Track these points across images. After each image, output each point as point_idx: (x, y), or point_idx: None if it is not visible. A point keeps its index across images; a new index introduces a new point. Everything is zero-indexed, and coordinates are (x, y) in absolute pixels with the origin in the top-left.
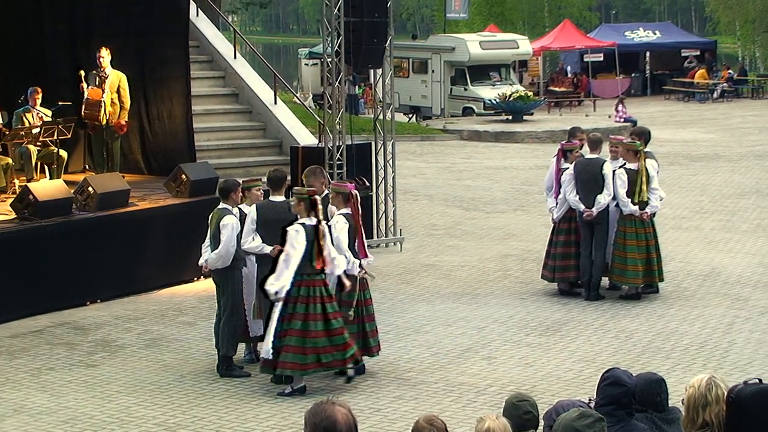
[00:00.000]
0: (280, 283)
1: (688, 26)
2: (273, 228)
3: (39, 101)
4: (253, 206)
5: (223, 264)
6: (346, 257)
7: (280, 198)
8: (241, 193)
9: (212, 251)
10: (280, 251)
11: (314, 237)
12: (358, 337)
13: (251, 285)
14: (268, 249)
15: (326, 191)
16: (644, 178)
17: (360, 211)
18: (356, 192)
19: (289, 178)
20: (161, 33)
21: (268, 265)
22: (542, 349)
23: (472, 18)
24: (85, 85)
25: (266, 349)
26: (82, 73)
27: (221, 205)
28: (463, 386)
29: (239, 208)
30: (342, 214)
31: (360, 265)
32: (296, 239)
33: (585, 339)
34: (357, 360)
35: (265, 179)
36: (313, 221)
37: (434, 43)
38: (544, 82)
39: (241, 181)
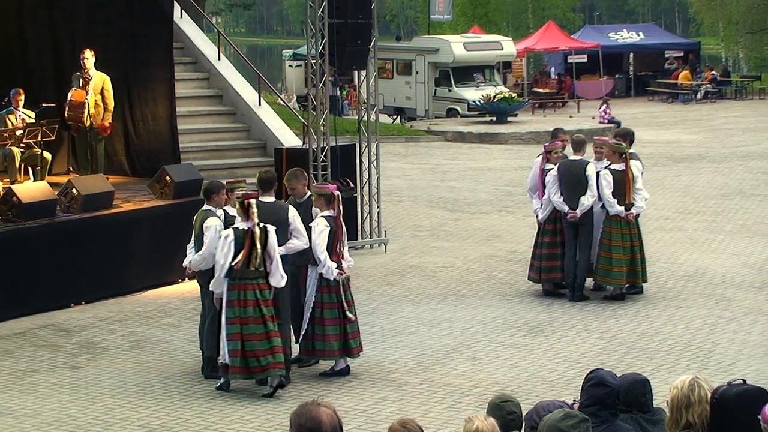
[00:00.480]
0: (213, 284)
1: (671, 27)
2: None
3: (22, 103)
4: None
5: (206, 266)
6: (317, 255)
7: (271, 199)
8: (225, 195)
9: (196, 253)
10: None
11: (243, 240)
12: (339, 339)
13: None
14: None
15: (309, 193)
16: (631, 180)
17: (341, 212)
18: (338, 193)
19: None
20: (145, 35)
21: None
22: (526, 350)
23: (456, 19)
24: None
25: (222, 353)
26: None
27: (205, 207)
28: (447, 387)
29: (224, 210)
30: (324, 216)
31: (339, 267)
32: (223, 244)
33: (569, 340)
34: (286, 370)
35: (254, 180)
36: (245, 225)
37: (418, 44)
38: (528, 83)
39: (225, 183)
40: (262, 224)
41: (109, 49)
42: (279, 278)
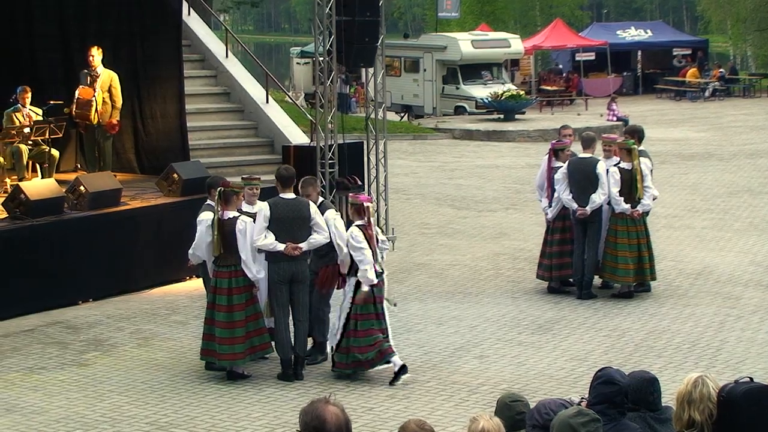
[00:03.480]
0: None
1: (679, 25)
2: (285, 225)
3: (29, 100)
4: (266, 204)
5: (197, 259)
6: (362, 265)
7: (291, 195)
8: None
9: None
10: (294, 248)
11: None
12: (375, 346)
13: (263, 283)
14: (280, 246)
15: (321, 199)
16: (639, 177)
17: (371, 223)
18: (369, 204)
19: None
20: (154, 33)
21: (279, 263)
22: (534, 348)
23: (464, 17)
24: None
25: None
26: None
27: (206, 201)
28: (455, 385)
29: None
30: (357, 225)
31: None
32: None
33: (577, 337)
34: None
35: (268, 177)
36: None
37: (426, 42)
38: (536, 81)
39: (241, 179)
40: (232, 215)
41: (119, 47)
42: (249, 272)
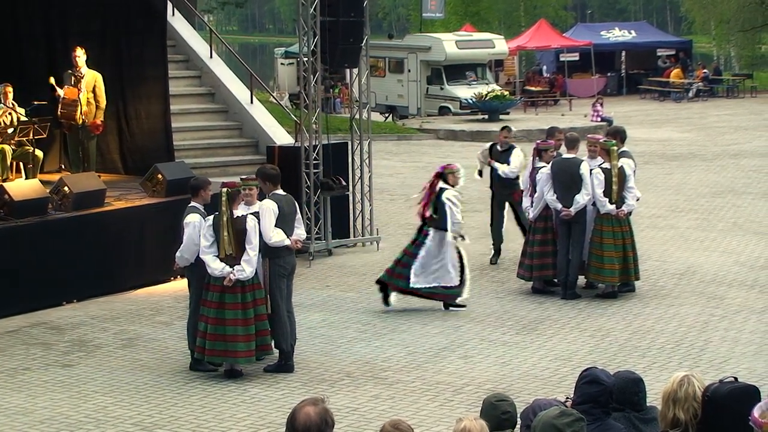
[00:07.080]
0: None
1: (663, 26)
2: (284, 220)
3: (11, 96)
4: (271, 201)
5: (186, 262)
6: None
7: (282, 192)
8: (210, 192)
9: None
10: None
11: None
12: None
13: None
14: (288, 241)
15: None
16: (616, 178)
17: None
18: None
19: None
20: (139, 33)
21: (283, 257)
22: (519, 348)
23: (448, 17)
24: (60, 92)
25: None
26: (53, 80)
27: (191, 203)
28: (439, 385)
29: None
30: None
31: None
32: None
33: (561, 337)
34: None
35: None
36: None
37: (410, 42)
38: (520, 81)
39: (239, 180)
40: (240, 214)
41: (104, 47)
42: (246, 268)
